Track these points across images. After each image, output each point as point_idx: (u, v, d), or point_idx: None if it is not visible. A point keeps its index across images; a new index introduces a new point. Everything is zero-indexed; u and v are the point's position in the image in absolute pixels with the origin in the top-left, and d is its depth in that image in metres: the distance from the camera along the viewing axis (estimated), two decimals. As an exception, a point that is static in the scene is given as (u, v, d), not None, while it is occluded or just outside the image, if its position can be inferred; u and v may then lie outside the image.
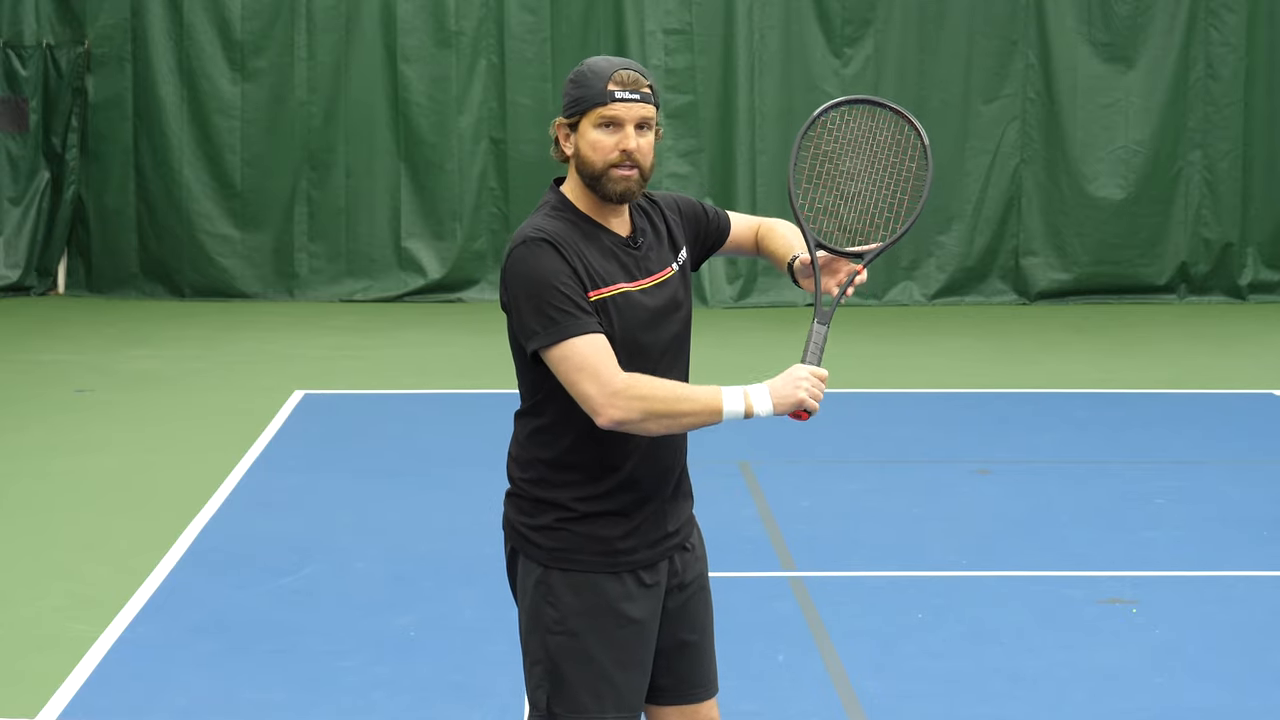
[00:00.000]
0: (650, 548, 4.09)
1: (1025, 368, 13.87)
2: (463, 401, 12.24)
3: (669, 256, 4.14)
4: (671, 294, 4.10)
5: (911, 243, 17.54)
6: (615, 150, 3.96)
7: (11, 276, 17.44)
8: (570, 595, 4.06)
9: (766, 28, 17.45)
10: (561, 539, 4.06)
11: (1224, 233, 17.66)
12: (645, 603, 4.08)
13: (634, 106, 3.96)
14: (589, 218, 4.04)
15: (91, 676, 6.54)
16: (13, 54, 17.43)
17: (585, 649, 4.05)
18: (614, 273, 4.01)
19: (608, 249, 4.02)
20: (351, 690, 6.41)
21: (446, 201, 17.53)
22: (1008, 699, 6.37)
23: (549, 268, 3.91)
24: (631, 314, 4.00)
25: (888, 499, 9.36)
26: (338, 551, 8.27)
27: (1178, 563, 8.24)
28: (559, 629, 4.06)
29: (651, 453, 4.06)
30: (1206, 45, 17.55)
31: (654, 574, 4.10)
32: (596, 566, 4.05)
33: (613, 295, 3.98)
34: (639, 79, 3.98)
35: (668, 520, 4.12)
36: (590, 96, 3.96)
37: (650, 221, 4.16)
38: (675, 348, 4.11)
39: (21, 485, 9.80)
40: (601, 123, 3.96)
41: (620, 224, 4.09)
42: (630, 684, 4.08)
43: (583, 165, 3.99)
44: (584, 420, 3.97)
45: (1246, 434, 11.21)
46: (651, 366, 4.03)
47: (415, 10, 17.39)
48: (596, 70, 3.98)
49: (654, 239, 4.13)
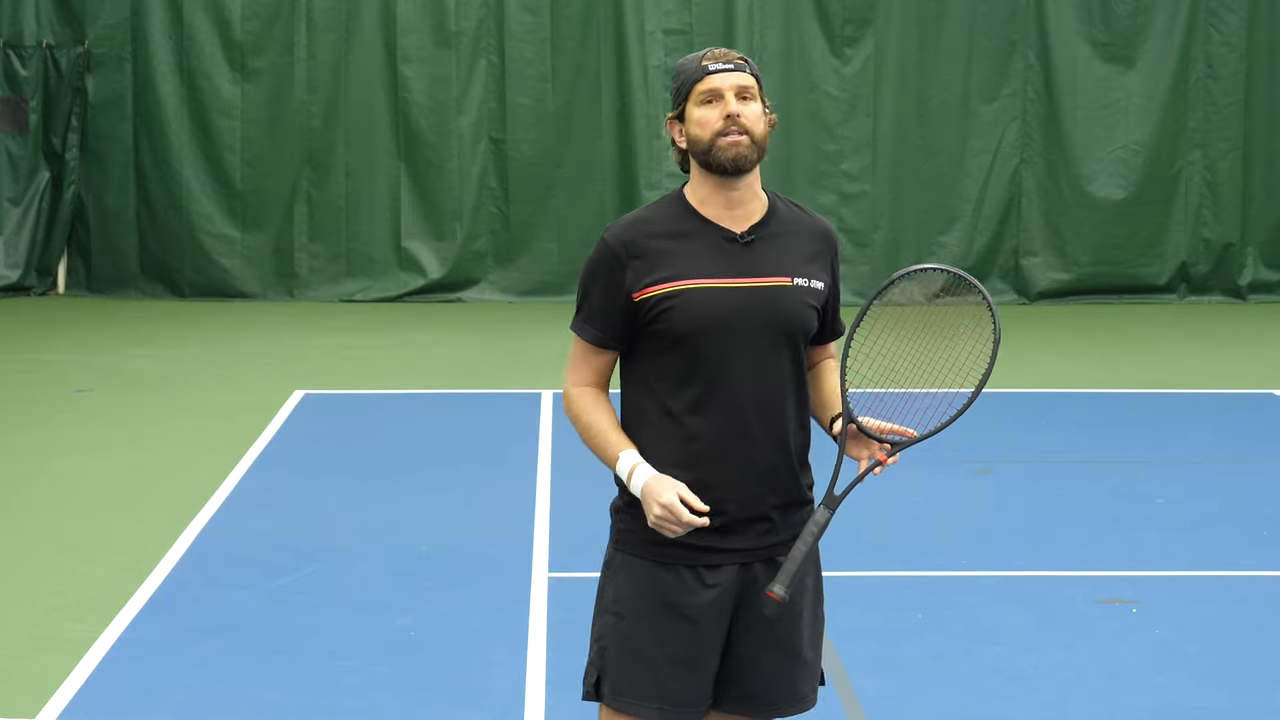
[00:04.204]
0: (712, 553, 4.04)
1: (1025, 368, 13.87)
2: (463, 401, 12.24)
3: (794, 269, 4.05)
4: (774, 301, 4.01)
5: (912, 242, 17.55)
6: (720, 119, 3.97)
7: (11, 276, 17.43)
8: (626, 578, 4.09)
9: (766, 28, 17.45)
10: (626, 522, 4.11)
11: (1224, 233, 17.66)
12: (703, 602, 4.04)
13: (729, 75, 4.00)
14: (696, 213, 4.05)
15: (91, 676, 6.54)
16: (13, 54, 17.43)
17: (631, 633, 4.06)
18: (699, 268, 3.99)
19: (705, 244, 4.01)
20: (351, 690, 6.41)
21: (446, 201, 17.53)
22: (1008, 699, 6.37)
23: (596, 270, 4.05)
24: (702, 309, 3.97)
25: (887, 499, 9.35)
26: (338, 551, 8.27)
27: (1178, 562, 8.24)
28: (612, 610, 4.11)
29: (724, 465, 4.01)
30: (1206, 45, 17.55)
31: (717, 575, 4.05)
32: (651, 554, 4.06)
33: (680, 289, 3.98)
34: (729, 53, 4.04)
35: (737, 536, 4.05)
36: (687, 78, 4.03)
37: (787, 229, 4.09)
38: (770, 357, 4.02)
39: (21, 485, 9.79)
40: (702, 100, 4.00)
41: (736, 219, 4.05)
42: (676, 679, 4.05)
43: (694, 145, 4.02)
44: (656, 417, 4.01)
45: (1246, 434, 11.21)
46: (732, 370, 3.98)
47: (415, 10, 17.39)
48: (690, 58, 4.07)
49: (780, 244, 4.06)
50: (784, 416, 4.06)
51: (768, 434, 4.04)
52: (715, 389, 4.00)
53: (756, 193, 4.08)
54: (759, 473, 4.04)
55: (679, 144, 4.06)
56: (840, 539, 8.54)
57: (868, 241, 17.48)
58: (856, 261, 17.23)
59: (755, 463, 4.04)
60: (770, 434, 4.05)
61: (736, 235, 4.03)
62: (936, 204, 17.56)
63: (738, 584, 4.07)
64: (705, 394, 4.00)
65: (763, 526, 4.07)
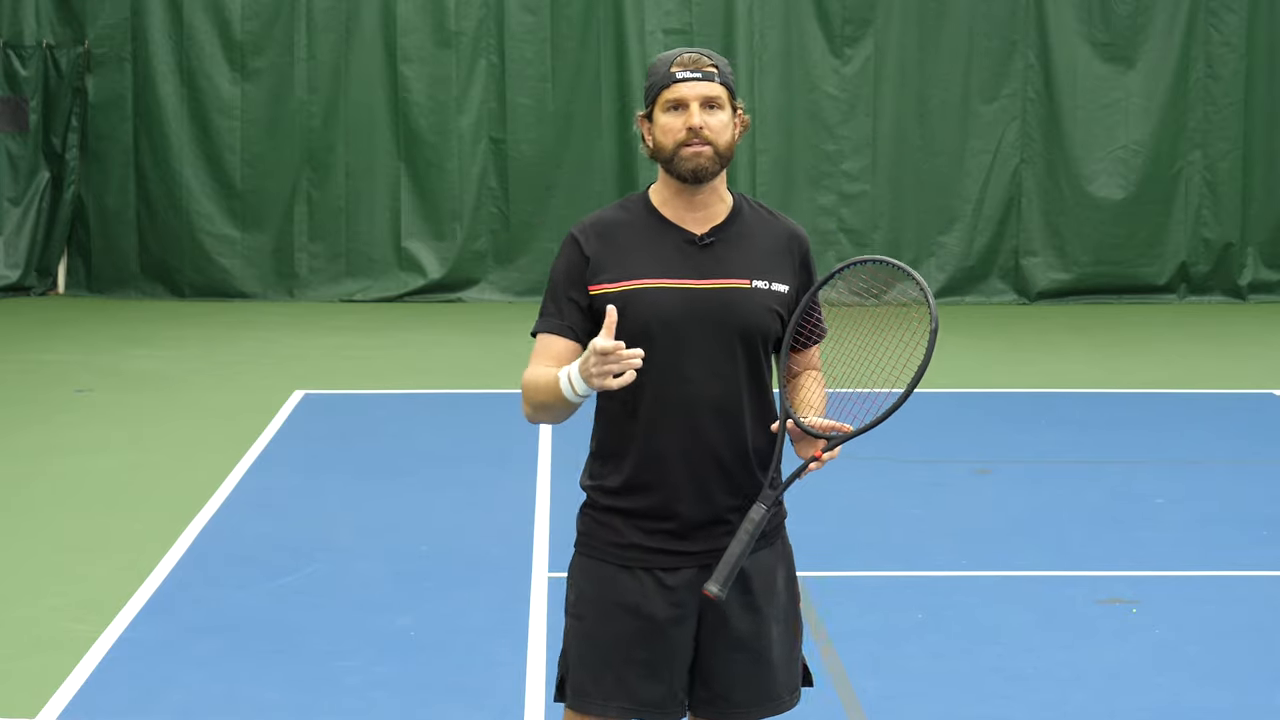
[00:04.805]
0: (669, 555, 4.05)
1: (1025, 368, 13.87)
2: (463, 401, 12.24)
3: (754, 271, 4.03)
4: (729, 304, 4.00)
5: (912, 243, 17.56)
6: (683, 129, 3.97)
7: (11, 276, 17.43)
8: (585, 580, 4.11)
9: (766, 28, 17.45)
10: (586, 524, 4.14)
11: (1224, 233, 17.66)
12: (663, 604, 4.04)
13: (696, 85, 3.98)
14: (658, 213, 4.05)
15: (91, 676, 6.54)
16: (13, 54, 17.43)
17: (591, 634, 4.07)
18: (654, 268, 3.99)
19: (663, 245, 4.01)
20: (352, 690, 6.41)
21: (446, 201, 17.53)
22: (1008, 699, 6.37)
23: (559, 265, 4.07)
24: (655, 310, 3.97)
25: (888, 499, 9.36)
26: (338, 551, 8.27)
27: (1178, 562, 8.24)
28: (573, 611, 4.13)
29: (678, 466, 4.01)
30: (1206, 45, 17.56)
31: (676, 577, 4.05)
32: (610, 557, 4.07)
33: (633, 289, 3.98)
34: (700, 59, 4.00)
35: (693, 538, 4.04)
36: (656, 82, 4.02)
37: (750, 231, 4.07)
38: (725, 360, 4.00)
39: (21, 485, 9.79)
40: (668, 106, 3.99)
41: (697, 221, 4.05)
42: (636, 681, 4.05)
43: (658, 151, 4.02)
44: (616, 417, 4.02)
45: (1246, 434, 11.21)
46: (686, 372, 3.98)
47: (415, 10, 17.40)
48: (663, 58, 4.05)
49: (741, 246, 4.04)
50: (740, 418, 4.03)
51: (723, 436, 4.01)
52: (669, 389, 3.99)
53: (721, 195, 4.08)
54: (714, 474, 4.03)
55: (647, 140, 4.06)
56: (840, 539, 8.56)
57: (868, 241, 17.48)
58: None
59: (709, 464, 4.02)
60: (725, 436, 4.02)
61: (696, 237, 4.03)
62: (936, 204, 17.57)
63: (699, 587, 4.04)
64: (658, 394, 3.99)
65: (721, 529, 4.05)
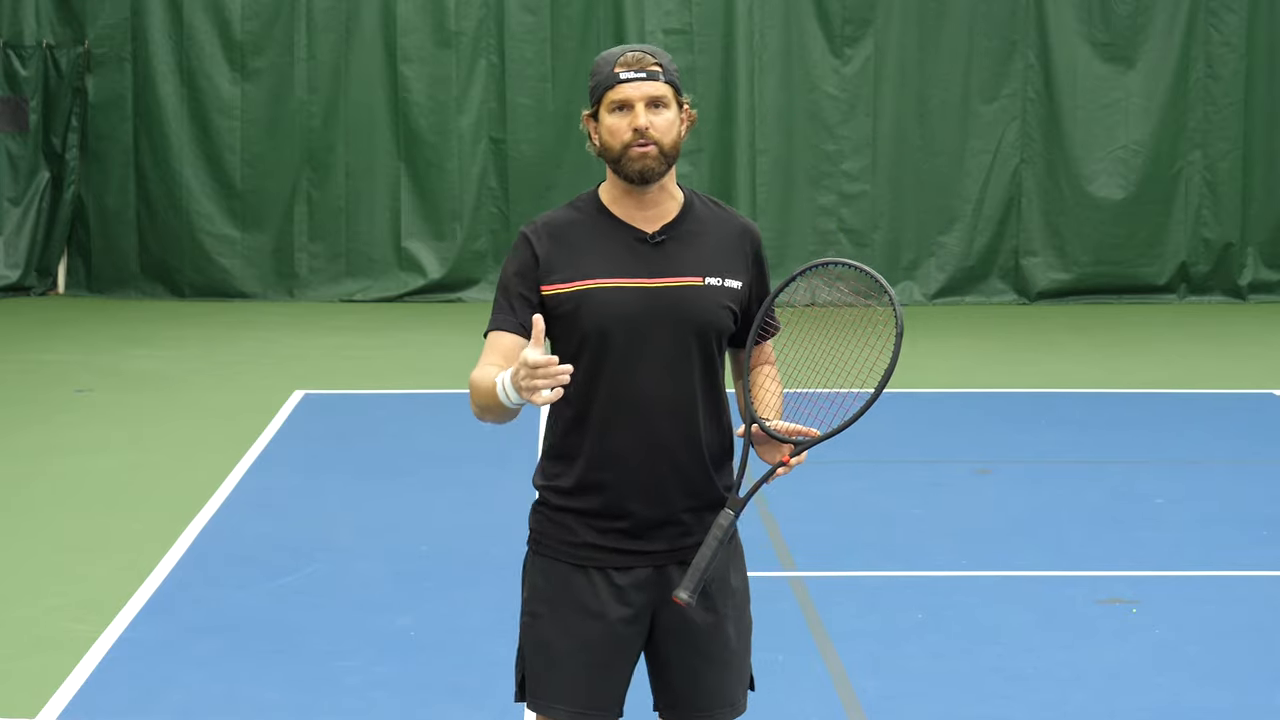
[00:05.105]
0: (622, 555, 4.04)
1: (1025, 368, 13.87)
2: (463, 401, 12.16)
3: (706, 268, 4.03)
4: (683, 302, 3.99)
5: (912, 243, 17.56)
6: (628, 130, 3.94)
7: (11, 276, 17.43)
8: (540, 579, 4.12)
9: (766, 28, 17.45)
10: (540, 523, 4.14)
11: (1224, 233, 17.66)
12: (615, 604, 4.03)
13: (642, 85, 3.94)
14: (608, 212, 4.03)
15: (91, 676, 6.54)
16: (13, 54, 17.43)
17: (544, 634, 4.08)
18: (607, 267, 3.97)
19: (615, 244, 3.99)
20: (352, 690, 6.41)
21: (446, 201, 17.53)
22: (1008, 699, 6.37)
23: (510, 266, 4.04)
24: (607, 309, 3.95)
25: (888, 499, 9.36)
26: (338, 551, 8.27)
27: (1178, 562, 8.25)
28: (526, 610, 4.14)
29: (631, 467, 3.99)
30: (1206, 45, 17.55)
31: (628, 577, 4.04)
32: (563, 556, 4.07)
33: (585, 289, 3.96)
34: (644, 58, 3.96)
35: (647, 538, 4.03)
36: (601, 83, 3.98)
37: (702, 228, 4.06)
38: (679, 359, 3.99)
39: (21, 485, 9.79)
40: (614, 107, 3.96)
41: (648, 220, 4.02)
42: (588, 680, 4.04)
43: (605, 152, 3.99)
44: (570, 418, 3.99)
45: (1246, 434, 11.21)
46: (640, 371, 3.97)
47: (415, 10, 17.40)
48: (606, 58, 4.00)
49: (692, 244, 4.03)
50: (694, 417, 4.02)
51: (677, 435, 4.00)
52: (622, 389, 3.98)
53: (671, 193, 4.06)
54: (668, 474, 4.01)
55: (594, 140, 4.03)
56: (840, 539, 8.56)
57: (868, 241, 17.48)
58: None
59: (664, 463, 4.01)
60: (680, 435, 4.01)
61: (647, 235, 4.01)
62: (936, 204, 17.57)
63: (653, 587, 4.04)
64: (612, 394, 3.98)
65: (675, 529, 4.03)
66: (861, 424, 3.97)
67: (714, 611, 4.08)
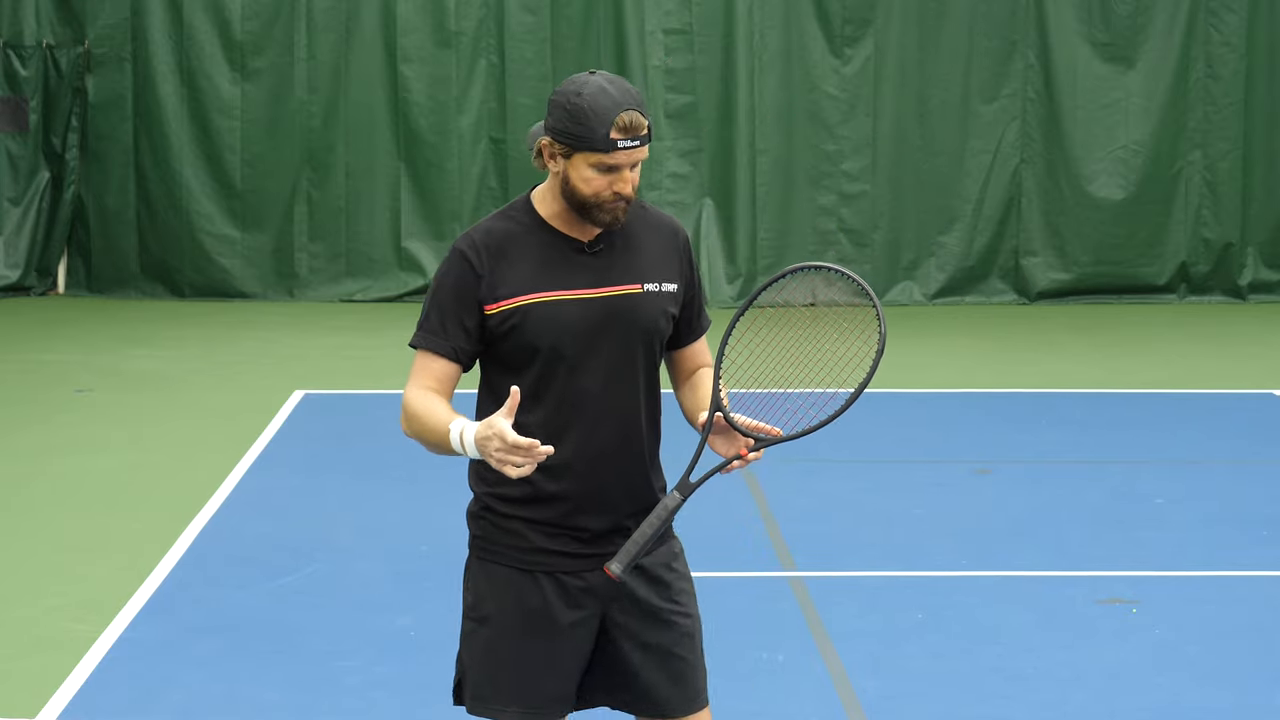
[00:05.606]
0: (572, 559, 4.03)
1: (1025, 368, 13.87)
2: (462, 402, 12.21)
3: (644, 275, 4.01)
4: (627, 310, 3.97)
5: (912, 242, 17.55)
6: (609, 190, 3.87)
7: (11, 276, 17.43)
8: (485, 584, 4.14)
9: (766, 28, 17.44)
10: (483, 528, 4.16)
11: (1224, 233, 17.66)
12: (565, 606, 4.03)
13: (635, 152, 3.86)
14: (546, 224, 3.98)
15: (91, 676, 6.54)
16: (13, 54, 17.43)
17: (490, 638, 4.09)
18: (550, 280, 3.94)
19: (555, 256, 3.95)
20: (352, 690, 6.41)
21: (446, 201, 17.52)
22: (1008, 699, 6.37)
23: (446, 282, 3.97)
24: (555, 323, 3.92)
25: (888, 499, 9.36)
26: (338, 551, 8.27)
27: (1178, 562, 8.25)
28: (471, 615, 4.16)
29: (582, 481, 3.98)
30: (1206, 45, 17.55)
31: (579, 579, 4.03)
32: (509, 560, 4.08)
33: (531, 303, 3.92)
34: (639, 120, 3.84)
35: (596, 544, 4.02)
36: (590, 141, 3.82)
37: (634, 233, 4.03)
38: (625, 367, 3.99)
39: (21, 485, 9.79)
40: (602, 168, 3.85)
41: (584, 229, 3.97)
42: (538, 684, 4.03)
43: (570, 193, 3.90)
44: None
45: (1246, 434, 11.21)
46: (586, 382, 3.95)
47: (415, 10, 17.39)
48: (597, 111, 3.81)
49: (629, 250, 4.01)
50: (637, 423, 4.02)
51: (624, 445, 4.01)
52: (569, 402, 3.97)
53: None
54: (613, 481, 4.02)
55: (550, 165, 3.91)
56: (840, 539, 8.56)
57: (868, 241, 17.48)
58: (857, 261, 17.22)
59: (609, 471, 4.01)
60: (626, 444, 4.01)
61: (584, 244, 3.98)
62: (936, 204, 17.56)
63: (600, 588, 4.04)
64: (559, 408, 3.97)
65: (621, 537, 4.03)
66: (861, 424, 3.99)
67: (663, 607, 4.07)
